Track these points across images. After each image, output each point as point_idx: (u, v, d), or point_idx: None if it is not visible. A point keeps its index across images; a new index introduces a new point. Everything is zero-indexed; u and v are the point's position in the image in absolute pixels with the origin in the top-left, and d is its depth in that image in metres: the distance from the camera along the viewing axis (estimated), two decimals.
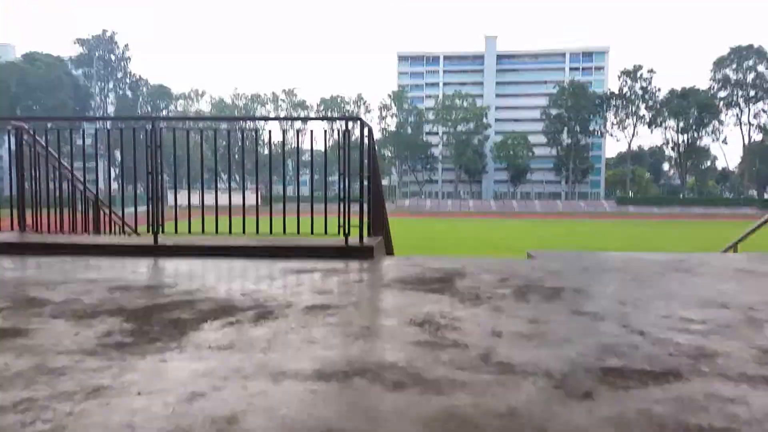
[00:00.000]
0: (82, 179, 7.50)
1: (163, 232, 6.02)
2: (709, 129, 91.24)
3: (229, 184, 6.74)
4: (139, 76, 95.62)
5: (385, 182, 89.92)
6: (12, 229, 6.62)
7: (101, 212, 7.71)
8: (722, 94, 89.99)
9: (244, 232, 6.16)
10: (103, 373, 2.34)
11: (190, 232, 6.17)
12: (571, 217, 71.45)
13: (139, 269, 4.93)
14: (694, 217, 68.91)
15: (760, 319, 3.37)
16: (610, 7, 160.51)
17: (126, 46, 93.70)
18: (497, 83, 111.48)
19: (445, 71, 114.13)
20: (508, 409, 2.04)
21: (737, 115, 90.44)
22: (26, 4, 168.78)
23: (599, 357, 2.62)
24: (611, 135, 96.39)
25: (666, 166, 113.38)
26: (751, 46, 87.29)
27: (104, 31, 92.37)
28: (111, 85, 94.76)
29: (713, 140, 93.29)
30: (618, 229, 48.40)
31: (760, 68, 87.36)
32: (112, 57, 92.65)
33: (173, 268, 5.05)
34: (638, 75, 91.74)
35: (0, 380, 2.26)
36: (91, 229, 7.35)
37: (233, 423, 1.90)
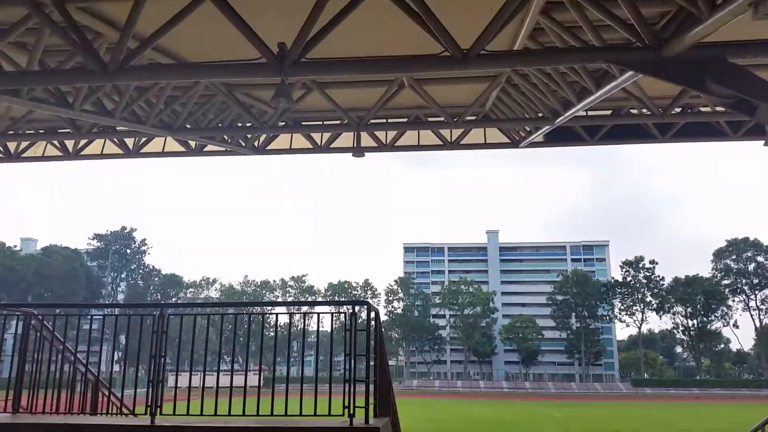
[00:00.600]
0: (84, 361, 7.48)
1: (161, 413, 5.85)
2: (718, 314, 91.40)
3: (232, 365, 6.70)
4: (152, 267, 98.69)
5: (392, 363, 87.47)
6: (5, 410, 6.45)
7: (100, 393, 7.54)
8: (726, 281, 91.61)
9: (244, 413, 5.97)
10: None
11: (188, 413, 5.99)
12: (587, 398, 68.17)
13: None
14: (713, 399, 65.62)
15: None
16: (606, 205, 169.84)
17: (143, 240, 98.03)
18: (501, 271, 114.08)
19: (450, 260, 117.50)
20: None
21: (744, 300, 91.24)
22: (52, 201, 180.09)
23: None
24: (620, 320, 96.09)
25: (679, 349, 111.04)
26: (747, 239, 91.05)
27: (123, 228, 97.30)
28: (123, 275, 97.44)
29: (723, 324, 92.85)
30: (636, 411, 45.80)
31: (760, 258, 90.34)
32: (128, 250, 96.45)
33: None
34: (640, 265, 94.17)
35: None
36: (88, 410, 7.14)
37: None
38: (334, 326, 6.51)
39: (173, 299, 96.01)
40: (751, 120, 10.20)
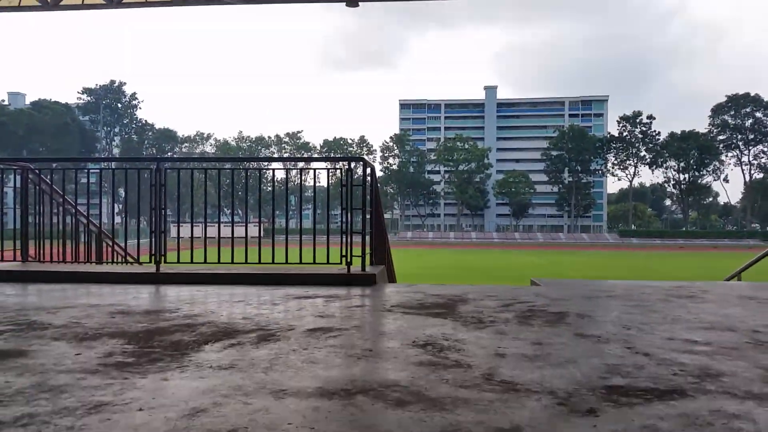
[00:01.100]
0: (85, 214, 7.57)
1: (165, 261, 6.03)
2: (710, 169, 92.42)
3: (232, 217, 6.79)
4: (145, 121, 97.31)
5: (387, 216, 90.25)
6: (14, 259, 6.65)
7: (104, 244, 7.75)
8: (722, 137, 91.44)
9: (246, 261, 6.17)
10: (104, 391, 2.32)
11: (192, 261, 6.19)
12: (574, 248, 71.27)
13: (140, 295, 4.93)
14: (697, 249, 68.70)
15: (766, 342, 3.34)
16: (607, 58, 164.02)
17: (134, 94, 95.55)
18: (498, 128, 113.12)
19: (446, 117, 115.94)
20: (512, 425, 2.02)
21: (737, 156, 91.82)
22: (40, 54, 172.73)
23: (603, 376, 2.60)
24: (612, 174, 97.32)
25: (668, 202, 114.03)
26: (747, 95, 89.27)
27: (112, 81, 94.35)
28: (117, 130, 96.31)
29: (714, 179, 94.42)
30: (621, 259, 48.20)
31: (758, 114, 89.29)
32: (119, 105, 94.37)
33: (175, 294, 5.05)
34: (638, 120, 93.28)
35: (1, 397, 2.24)
36: (93, 260, 7.38)
37: None
38: (330, 182, 6.50)
39: (168, 154, 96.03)
40: None
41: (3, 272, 6.02)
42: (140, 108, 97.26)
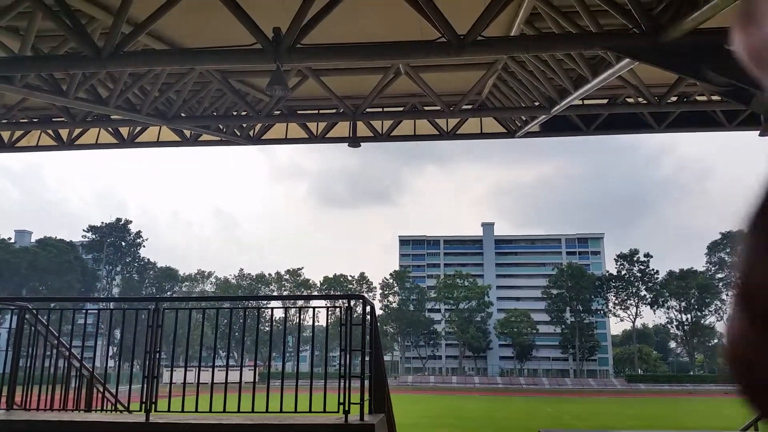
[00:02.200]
0: (79, 357, 7.39)
1: (156, 410, 5.77)
2: (712, 308, 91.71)
3: (227, 361, 6.65)
4: (148, 260, 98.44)
5: (387, 358, 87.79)
6: None
7: (95, 389, 7.46)
8: (720, 275, 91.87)
9: (239, 410, 5.90)
10: None
11: (183, 410, 5.91)
12: (581, 394, 68.45)
13: None
14: (707, 395, 65.99)
15: None
16: (602, 197, 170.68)
17: (138, 233, 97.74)
18: (497, 264, 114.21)
19: (445, 253, 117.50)
20: None
21: None
22: (50, 191, 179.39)
23: None
24: (614, 315, 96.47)
25: (672, 344, 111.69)
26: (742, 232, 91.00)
27: (118, 220, 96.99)
28: (119, 268, 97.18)
29: (717, 319, 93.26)
30: (631, 407, 46.01)
31: None
32: (123, 243, 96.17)
33: None
34: (635, 259, 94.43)
35: None
36: (82, 407, 7.06)
37: None
38: (329, 320, 6.43)
39: (168, 293, 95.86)
40: (747, 109, 10.16)
41: None
42: (144, 246, 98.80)
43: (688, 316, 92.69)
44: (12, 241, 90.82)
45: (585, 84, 9.48)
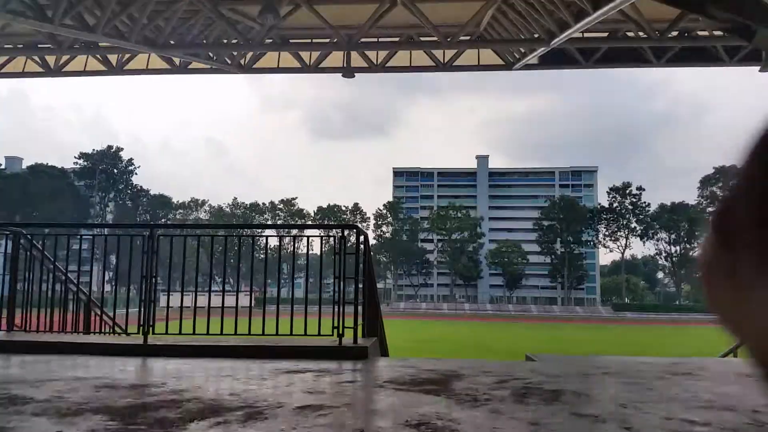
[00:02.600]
0: (75, 281, 7.49)
1: (153, 332, 5.92)
2: (701, 241, 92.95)
3: (223, 285, 6.74)
4: (140, 187, 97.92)
5: (380, 285, 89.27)
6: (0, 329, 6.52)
7: (92, 313, 7.62)
8: (711, 209, 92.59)
9: (235, 332, 6.07)
10: None
11: (180, 332, 6.07)
12: (568, 321, 70.57)
13: (127, 368, 4.80)
14: (692, 324, 68.15)
15: (766, 422, 3.27)
16: (597, 132, 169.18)
17: (130, 160, 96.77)
18: (490, 196, 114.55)
19: (439, 185, 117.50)
20: None
21: None
22: (40, 118, 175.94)
23: None
24: (604, 246, 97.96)
25: (660, 275, 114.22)
26: (734, 167, 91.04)
27: (109, 147, 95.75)
28: (112, 196, 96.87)
29: None
30: (616, 333, 47.59)
31: None
32: (115, 170, 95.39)
33: (162, 367, 4.92)
34: (627, 192, 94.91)
35: None
36: (80, 329, 7.23)
37: None
38: (323, 249, 6.50)
39: (163, 220, 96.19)
40: (749, 45, 9.97)
41: None
42: (136, 174, 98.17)
43: (677, 248, 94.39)
44: (2, 167, 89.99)
45: (586, 17, 9.24)
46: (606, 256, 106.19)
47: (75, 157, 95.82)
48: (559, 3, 9.57)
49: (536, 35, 11.04)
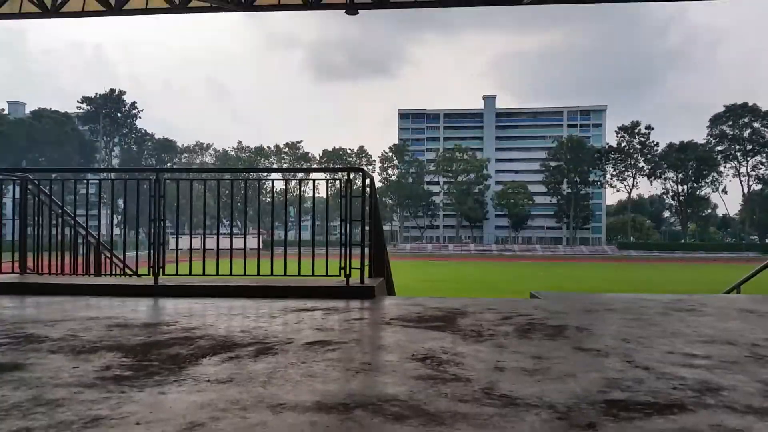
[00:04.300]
0: (84, 225, 7.56)
1: (164, 274, 6.02)
2: (709, 180, 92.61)
3: (231, 229, 6.79)
4: (145, 131, 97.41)
5: (386, 227, 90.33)
6: (13, 272, 6.64)
7: (102, 256, 7.74)
8: (720, 147, 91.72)
9: (245, 274, 6.16)
10: (101, 405, 2.31)
11: (190, 274, 6.17)
12: (573, 260, 71.22)
13: (138, 308, 4.92)
14: (696, 261, 68.67)
15: (766, 356, 3.33)
16: (607, 70, 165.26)
17: (133, 103, 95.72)
18: (497, 138, 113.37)
19: (445, 127, 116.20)
20: None
21: (735, 167, 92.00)
22: (41, 62, 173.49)
23: (603, 391, 2.58)
24: (611, 186, 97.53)
25: (666, 214, 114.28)
26: (745, 104, 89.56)
27: (112, 90, 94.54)
28: (116, 140, 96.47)
29: (713, 190, 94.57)
30: (620, 272, 48.16)
31: (756, 125, 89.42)
32: (119, 114, 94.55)
33: (173, 307, 5.03)
34: (636, 131, 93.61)
35: None
36: (91, 272, 7.37)
37: None
38: (329, 192, 6.51)
39: (168, 164, 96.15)
40: None
41: (1, 284, 6.00)
42: (140, 117, 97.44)
43: (685, 187, 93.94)
44: (6, 112, 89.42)
45: None
46: (612, 195, 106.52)
47: (78, 102, 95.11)
48: None
49: None
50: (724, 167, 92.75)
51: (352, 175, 6.07)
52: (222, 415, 2.19)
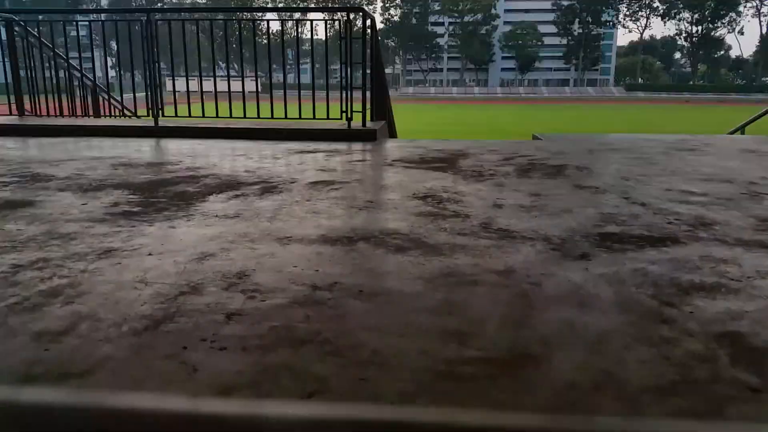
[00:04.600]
0: (78, 68, 7.36)
1: (163, 115, 5.97)
2: (726, 20, 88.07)
3: (228, 71, 6.60)
4: None
5: (388, 71, 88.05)
6: (10, 113, 6.58)
7: (100, 98, 7.62)
8: None
9: (245, 116, 6.11)
10: (113, 238, 2.40)
11: (190, 116, 6.12)
12: (579, 102, 70.11)
13: (141, 148, 4.95)
14: (704, 103, 67.55)
15: (762, 193, 3.39)
16: None
17: None
18: None
19: None
20: (506, 267, 2.10)
21: (756, 5, 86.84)
22: None
23: (598, 225, 2.66)
24: (623, 26, 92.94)
25: (678, 55, 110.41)
26: None
27: None
28: None
29: (729, 31, 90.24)
30: (626, 113, 47.58)
31: None
32: None
33: (175, 147, 5.06)
34: None
35: (14, 243, 2.32)
36: (90, 114, 7.31)
37: (243, 277, 1.97)
38: (328, 34, 6.22)
39: (159, 4, 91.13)
40: None
41: (2, 126, 5.98)
42: None
43: (699, 28, 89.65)
44: None
45: None
46: (624, 36, 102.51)
47: None
48: None
49: None
50: (744, 7, 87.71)
51: (351, 16, 5.78)
52: (231, 247, 2.29)
